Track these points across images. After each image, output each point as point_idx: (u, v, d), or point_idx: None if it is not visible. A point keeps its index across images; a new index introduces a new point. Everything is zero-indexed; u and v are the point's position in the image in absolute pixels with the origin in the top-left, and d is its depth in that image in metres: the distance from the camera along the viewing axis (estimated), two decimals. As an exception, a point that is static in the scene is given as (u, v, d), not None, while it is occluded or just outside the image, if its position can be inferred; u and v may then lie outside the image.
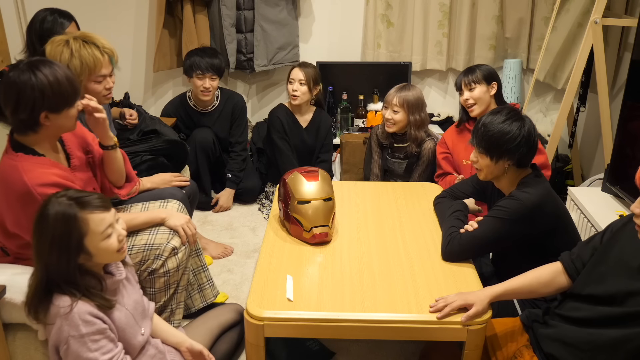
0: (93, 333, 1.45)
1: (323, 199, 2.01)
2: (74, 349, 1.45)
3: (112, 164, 1.98)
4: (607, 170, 2.57)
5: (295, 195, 2.01)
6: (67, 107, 1.70)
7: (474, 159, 1.92)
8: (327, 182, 2.07)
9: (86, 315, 1.45)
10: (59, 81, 1.66)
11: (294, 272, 1.82)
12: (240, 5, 3.61)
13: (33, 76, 1.63)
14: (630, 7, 3.16)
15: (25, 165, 1.67)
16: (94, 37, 2.07)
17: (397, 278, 1.79)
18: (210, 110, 3.34)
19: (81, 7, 3.66)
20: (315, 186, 2.03)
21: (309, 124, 3.36)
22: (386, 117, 2.79)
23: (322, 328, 1.62)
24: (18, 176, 1.64)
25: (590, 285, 1.51)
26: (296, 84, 3.19)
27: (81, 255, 1.47)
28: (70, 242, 1.43)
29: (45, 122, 1.68)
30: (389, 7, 3.72)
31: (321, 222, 1.99)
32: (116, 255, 1.53)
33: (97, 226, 1.46)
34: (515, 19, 3.69)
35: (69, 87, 1.69)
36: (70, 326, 1.44)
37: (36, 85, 1.63)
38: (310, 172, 2.08)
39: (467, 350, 1.62)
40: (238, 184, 3.40)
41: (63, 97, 1.68)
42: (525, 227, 1.81)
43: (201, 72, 3.13)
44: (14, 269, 1.80)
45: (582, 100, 3.34)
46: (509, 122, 1.83)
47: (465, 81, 2.53)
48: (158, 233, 2.01)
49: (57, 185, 1.66)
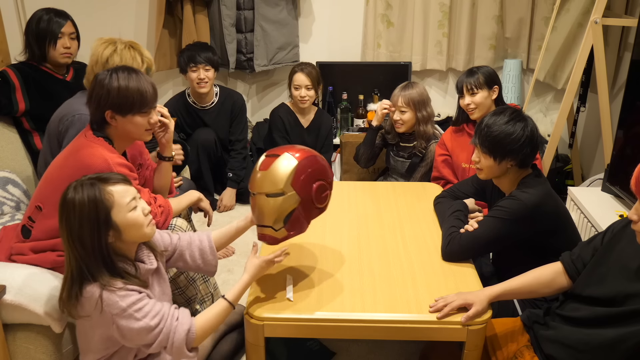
0: (133, 303, 1.46)
1: (266, 194, 1.64)
2: (123, 325, 1.46)
3: (164, 175, 2.20)
4: (607, 170, 2.57)
5: (250, 183, 1.71)
6: (131, 112, 1.86)
7: (476, 159, 1.92)
8: (282, 172, 1.62)
9: (120, 290, 1.45)
10: (127, 87, 1.83)
11: (294, 272, 1.82)
12: (240, 5, 3.61)
13: (109, 77, 1.83)
14: (630, 7, 3.16)
15: (104, 148, 1.84)
16: (139, 45, 2.24)
17: (397, 278, 1.79)
18: (210, 107, 3.34)
19: (81, 7, 3.66)
20: (263, 176, 1.64)
21: (311, 124, 3.37)
22: (394, 119, 2.79)
23: (322, 328, 1.63)
24: (99, 154, 1.80)
25: (591, 287, 1.51)
26: (303, 89, 3.20)
27: (110, 232, 1.47)
28: (98, 218, 1.45)
29: (112, 122, 1.86)
30: (389, 7, 3.72)
31: (263, 222, 1.68)
32: (145, 231, 1.53)
33: (121, 197, 1.48)
34: (515, 19, 3.69)
35: (137, 96, 1.85)
36: (110, 306, 1.44)
37: (106, 85, 1.82)
38: (273, 155, 1.66)
39: (467, 350, 1.62)
40: (239, 182, 3.40)
41: (127, 102, 1.84)
42: (526, 227, 1.81)
43: (194, 64, 3.16)
44: (15, 269, 1.80)
45: (582, 100, 3.34)
46: (513, 123, 1.83)
47: (467, 85, 2.51)
48: None
49: (129, 168, 1.89)
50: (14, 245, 1.91)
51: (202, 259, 1.79)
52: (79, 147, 1.85)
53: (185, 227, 2.16)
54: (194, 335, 1.52)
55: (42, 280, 1.77)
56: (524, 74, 3.82)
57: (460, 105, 2.59)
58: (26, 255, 1.87)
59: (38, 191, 1.90)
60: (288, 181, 1.61)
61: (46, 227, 1.84)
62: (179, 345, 1.50)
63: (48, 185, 1.86)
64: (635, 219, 1.31)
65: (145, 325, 1.47)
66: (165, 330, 1.49)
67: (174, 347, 1.50)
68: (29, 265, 1.85)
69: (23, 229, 1.90)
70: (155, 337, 1.49)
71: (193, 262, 1.79)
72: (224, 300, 1.61)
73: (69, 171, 1.81)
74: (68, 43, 2.64)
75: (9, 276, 1.74)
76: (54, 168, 1.89)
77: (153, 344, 1.50)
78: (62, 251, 1.85)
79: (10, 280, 1.72)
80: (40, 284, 1.76)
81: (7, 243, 1.96)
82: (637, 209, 1.30)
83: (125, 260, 1.54)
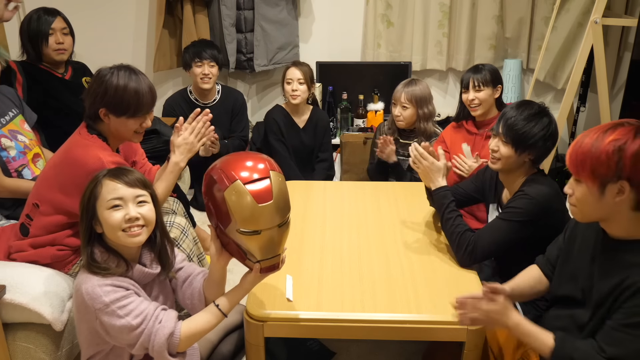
0: (117, 299, 1.43)
1: (278, 226, 1.45)
2: (105, 321, 1.43)
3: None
4: (607, 170, 2.56)
5: (238, 222, 1.40)
6: (125, 114, 1.84)
7: (495, 148, 1.91)
8: (283, 195, 1.44)
9: (105, 286, 1.43)
10: (126, 89, 1.81)
11: (293, 272, 1.82)
12: (240, 5, 3.61)
13: (110, 75, 1.81)
14: (630, 7, 3.16)
15: (98, 146, 1.83)
16: None
17: (397, 278, 1.79)
18: (212, 104, 3.34)
19: (81, 7, 3.66)
20: (270, 209, 1.40)
21: (307, 124, 3.33)
22: (395, 114, 2.80)
23: (322, 328, 1.63)
24: (93, 153, 1.78)
25: (563, 285, 1.52)
26: (295, 83, 3.15)
27: (95, 221, 1.48)
28: (89, 203, 1.48)
29: (105, 119, 1.84)
30: (389, 7, 3.72)
31: (274, 253, 1.48)
32: (120, 235, 1.48)
33: (107, 193, 1.47)
34: (515, 19, 3.69)
35: (133, 99, 1.82)
36: (93, 300, 1.42)
37: (105, 82, 1.80)
38: (259, 180, 1.40)
39: (466, 351, 1.62)
40: None
41: (123, 104, 1.82)
42: (540, 224, 1.81)
43: (199, 59, 3.17)
44: (14, 268, 1.80)
45: (582, 100, 3.34)
46: (540, 117, 1.84)
47: (474, 81, 2.51)
48: None
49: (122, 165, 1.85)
50: (13, 244, 1.91)
51: (192, 303, 1.68)
52: (74, 145, 1.85)
53: (184, 225, 2.16)
54: (177, 340, 1.46)
55: (42, 280, 1.78)
56: (524, 74, 3.83)
57: (462, 100, 2.59)
58: (26, 252, 1.87)
59: (35, 189, 1.90)
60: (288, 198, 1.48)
61: (44, 224, 1.84)
62: (159, 349, 1.45)
63: (44, 184, 1.87)
64: (570, 192, 1.39)
65: (127, 324, 1.43)
66: (147, 331, 1.45)
67: (154, 350, 1.46)
68: (28, 264, 1.85)
69: (21, 227, 1.90)
70: (137, 337, 1.45)
71: (183, 300, 1.71)
72: (216, 308, 1.53)
73: (63, 170, 1.81)
74: (60, 39, 2.63)
75: (9, 276, 1.74)
76: (49, 166, 1.90)
77: (135, 345, 1.46)
78: (62, 245, 1.87)
79: (10, 279, 1.73)
80: (40, 283, 1.76)
81: (5, 242, 1.96)
82: (570, 184, 1.38)
83: (119, 258, 1.51)
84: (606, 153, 1.28)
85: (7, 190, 2.15)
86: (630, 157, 1.26)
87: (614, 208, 1.32)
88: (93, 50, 3.62)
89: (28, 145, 2.28)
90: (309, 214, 2.23)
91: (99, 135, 1.87)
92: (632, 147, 1.26)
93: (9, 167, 2.17)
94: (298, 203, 2.30)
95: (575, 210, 1.40)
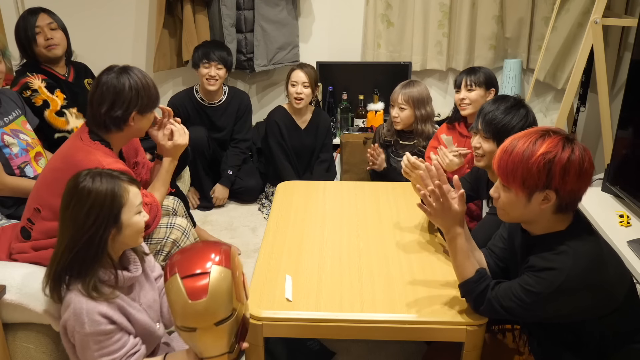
0: (97, 334, 1.44)
1: (214, 324, 1.33)
2: (78, 341, 1.47)
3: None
4: (607, 171, 2.57)
5: (175, 317, 1.35)
6: (151, 110, 1.90)
7: (477, 145, 1.92)
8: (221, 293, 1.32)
9: (95, 314, 1.43)
10: (149, 85, 1.87)
11: (293, 272, 1.82)
12: (240, 5, 3.61)
13: (129, 78, 1.82)
14: (630, 7, 3.16)
15: (100, 152, 1.83)
16: None
17: (396, 278, 1.79)
18: (218, 105, 3.34)
19: (81, 7, 3.67)
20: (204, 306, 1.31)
21: (308, 125, 3.34)
22: (393, 116, 2.80)
23: (321, 328, 1.63)
24: (95, 159, 1.78)
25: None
26: (299, 86, 3.14)
27: (113, 229, 1.46)
28: (111, 211, 1.45)
29: (131, 122, 1.86)
30: (389, 7, 3.72)
31: (213, 353, 1.38)
32: (139, 237, 1.54)
33: (134, 198, 1.50)
34: (515, 19, 3.69)
35: (155, 92, 1.90)
36: (76, 321, 1.44)
37: (133, 86, 1.82)
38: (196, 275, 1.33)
39: (466, 351, 1.62)
40: (233, 182, 3.40)
41: (151, 100, 1.88)
42: None
43: (207, 60, 3.16)
44: (15, 268, 1.80)
45: (582, 100, 3.34)
46: (517, 108, 1.86)
47: (467, 81, 2.52)
48: (157, 227, 2.03)
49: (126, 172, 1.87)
50: (14, 246, 1.91)
51: (169, 316, 1.70)
52: (75, 150, 1.84)
53: (185, 226, 2.16)
54: None
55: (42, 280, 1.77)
56: (524, 74, 3.82)
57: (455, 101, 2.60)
58: (27, 253, 1.87)
59: (35, 193, 1.89)
60: (234, 296, 1.36)
61: (46, 229, 1.84)
62: None
63: (45, 188, 1.85)
64: (496, 196, 1.47)
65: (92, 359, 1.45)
66: None
67: None
68: (29, 264, 1.85)
69: (22, 231, 1.90)
70: None
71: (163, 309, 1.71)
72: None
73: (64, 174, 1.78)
74: (49, 34, 2.61)
75: (9, 275, 1.74)
76: (49, 171, 1.88)
77: None
78: None
79: (10, 279, 1.73)
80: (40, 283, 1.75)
81: (6, 241, 1.96)
82: (497, 188, 1.47)
83: (108, 266, 1.50)
84: (537, 165, 1.34)
85: (8, 188, 2.15)
86: (559, 170, 1.33)
87: (538, 213, 1.40)
88: (93, 50, 3.63)
89: (30, 143, 2.28)
90: (309, 214, 2.23)
91: (101, 141, 1.87)
92: (561, 159, 1.33)
93: (11, 163, 2.17)
94: (298, 203, 2.30)
95: (502, 213, 1.48)
